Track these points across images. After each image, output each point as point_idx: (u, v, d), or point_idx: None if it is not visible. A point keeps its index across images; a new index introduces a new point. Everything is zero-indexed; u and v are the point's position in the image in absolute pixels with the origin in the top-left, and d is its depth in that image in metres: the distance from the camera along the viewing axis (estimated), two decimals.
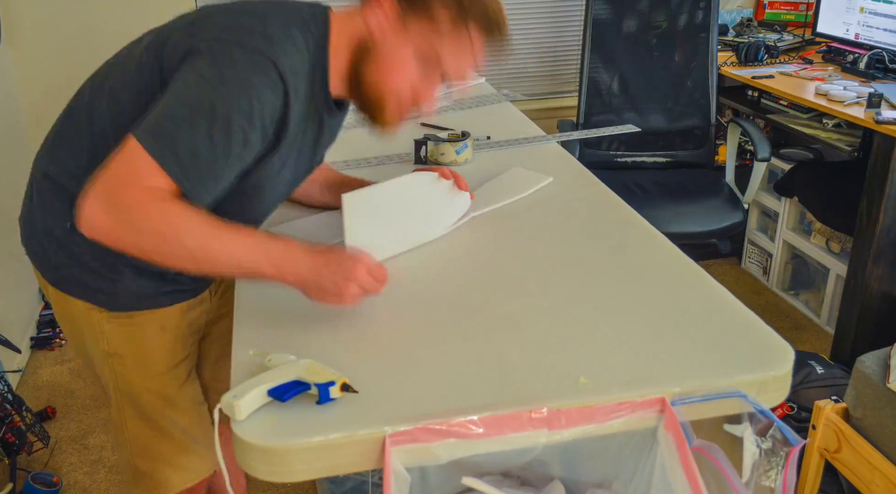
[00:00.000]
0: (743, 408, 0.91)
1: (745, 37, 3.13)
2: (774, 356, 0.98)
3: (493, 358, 0.99)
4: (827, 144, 2.41)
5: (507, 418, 0.88)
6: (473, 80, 2.47)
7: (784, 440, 0.86)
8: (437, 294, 1.15)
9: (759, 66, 2.83)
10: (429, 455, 0.86)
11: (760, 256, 3.10)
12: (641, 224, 1.36)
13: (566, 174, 1.61)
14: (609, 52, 2.77)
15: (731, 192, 2.58)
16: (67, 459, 2.18)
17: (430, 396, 0.91)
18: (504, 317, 1.08)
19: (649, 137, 2.82)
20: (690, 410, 0.91)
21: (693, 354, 0.99)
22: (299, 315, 1.08)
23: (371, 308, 1.10)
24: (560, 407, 0.89)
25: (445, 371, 0.96)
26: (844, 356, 2.33)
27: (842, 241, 2.64)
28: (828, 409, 1.65)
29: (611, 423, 0.90)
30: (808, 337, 2.71)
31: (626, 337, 1.03)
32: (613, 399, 0.91)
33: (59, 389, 2.49)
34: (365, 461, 0.86)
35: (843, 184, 2.58)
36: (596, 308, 1.10)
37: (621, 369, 0.96)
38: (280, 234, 1.07)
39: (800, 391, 2.06)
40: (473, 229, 1.36)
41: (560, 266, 1.23)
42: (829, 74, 2.68)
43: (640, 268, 1.22)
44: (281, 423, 0.87)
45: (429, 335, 1.05)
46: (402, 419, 0.86)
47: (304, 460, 0.85)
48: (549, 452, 0.91)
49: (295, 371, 0.90)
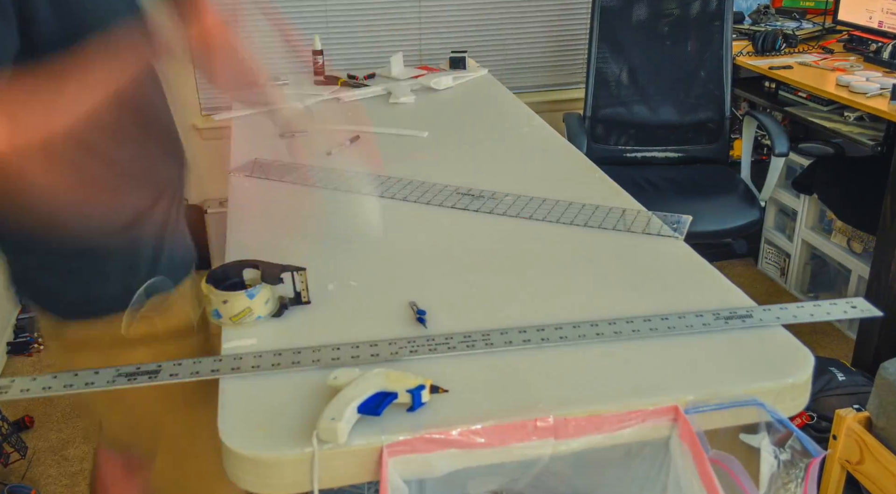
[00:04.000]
0: (760, 417, 0.91)
1: (761, 25, 3.13)
2: (793, 363, 0.98)
3: (496, 364, 0.99)
4: (848, 138, 2.41)
5: (511, 427, 0.88)
6: (475, 71, 2.47)
7: (803, 450, 0.86)
8: (437, 296, 1.15)
9: (776, 55, 2.83)
10: (428, 467, 0.86)
11: (778, 256, 3.11)
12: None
13: (573, 169, 1.61)
14: (618, 42, 2.77)
15: (746, 189, 2.58)
16: (46, 471, 2.18)
17: (429, 403, 0.92)
18: (506, 321, 1.08)
19: (660, 131, 2.82)
20: (704, 419, 0.92)
21: (707, 360, 0.99)
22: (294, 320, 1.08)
23: (369, 311, 1.11)
24: (567, 416, 0.89)
25: (445, 378, 0.96)
26: (867, 362, 2.33)
27: (864, 241, 2.64)
28: (849, 418, 1.65)
29: (621, 432, 0.90)
30: (828, 342, 2.71)
31: (636, 342, 1.03)
32: (623, 407, 0.91)
33: (36, 397, 2.49)
34: (361, 472, 0.86)
35: (866, 180, 2.58)
36: (604, 312, 1.10)
37: (632, 375, 0.96)
38: None
39: (820, 400, 2.06)
40: (473, 230, 1.36)
41: (564, 267, 1.23)
42: (850, 64, 2.69)
43: (652, 269, 1.22)
44: (272, 433, 0.87)
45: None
46: (400, 429, 0.86)
47: (297, 471, 0.85)
48: (555, 463, 0.92)
49: (375, 383, 0.91)
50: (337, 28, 3.24)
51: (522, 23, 3.35)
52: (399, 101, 2.15)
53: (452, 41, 3.33)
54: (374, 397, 0.89)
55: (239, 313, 1.07)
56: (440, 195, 1.49)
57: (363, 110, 2.11)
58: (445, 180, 1.56)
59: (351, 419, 0.87)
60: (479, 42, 3.35)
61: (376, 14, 3.26)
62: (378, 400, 0.88)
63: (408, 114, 2.06)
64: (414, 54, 3.31)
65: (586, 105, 2.81)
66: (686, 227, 1.35)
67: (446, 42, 3.32)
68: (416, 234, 1.35)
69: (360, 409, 0.88)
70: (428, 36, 3.33)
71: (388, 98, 2.20)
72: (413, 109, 2.11)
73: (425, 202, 1.47)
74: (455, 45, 3.30)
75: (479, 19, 3.34)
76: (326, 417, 0.86)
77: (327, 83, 2.40)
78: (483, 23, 3.34)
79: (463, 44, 3.31)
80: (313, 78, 2.47)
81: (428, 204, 1.46)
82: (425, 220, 1.41)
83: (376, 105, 2.16)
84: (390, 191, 1.51)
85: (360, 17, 3.26)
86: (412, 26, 3.31)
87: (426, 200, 1.48)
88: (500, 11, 3.32)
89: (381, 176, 1.57)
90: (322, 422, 0.86)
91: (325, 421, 0.86)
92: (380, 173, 1.45)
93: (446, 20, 3.32)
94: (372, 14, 3.26)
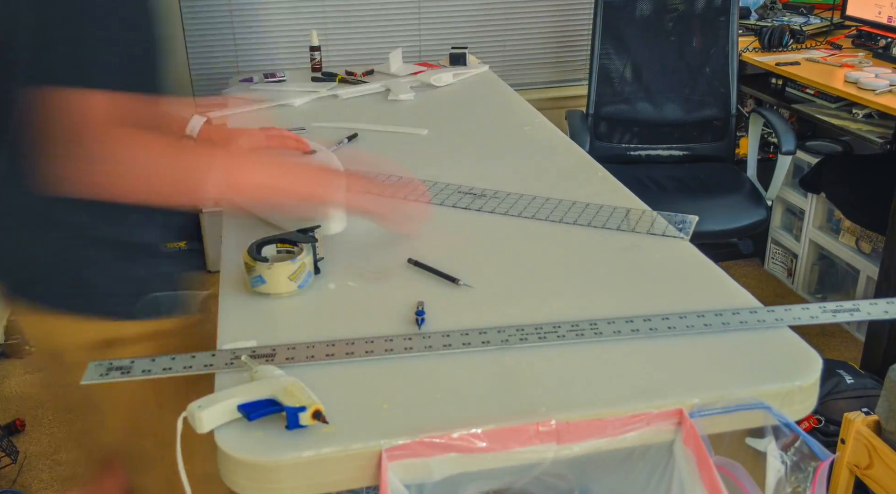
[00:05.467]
0: (766, 421, 0.91)
1: (768, 20, 3.13)
2: (800, 365, 0.99)
3: (497, 366, 0.99)
4: (857, 136, 2.41)
5: (513, 431, 0.88)
6: (476, 68, 2.48)
7: (811, 454, 0.86)
8: (437, 296, 1.15)
9: (783, 52, 2.84)
10: (428, 471, 0.87)
11: (785, 256, 3.11)
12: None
13: (575, 167, 1.61)
14: (621, 37, 2.77)
15: (752, 188, 2.58)
16: (38, 476, 2.18)
17: (429, 407, 0.92)
18: (507, 321, 1.08)
19: (664, 129, 2.82)
20: (709, 422, 0.92)
21: (713, 362, 0.99)
22: (290, 319, 1.09)
23: (367, 312, 1.11)
24: (569, 419, 0.89)
25: (446, 381, 0.97)
26: (876, 364, 2.33)
27: (873, 240, 2.64)
28: (858, 422, 1.65)
29: (624, 436, 0.91)
30: (836, 344, 2.71)
31: (640, 344, 1.03)
32: (627, 411, 0.91)
33: (28, 400, 2.49)
34: (359, 477, 0.86)
35: (875, 179, 2.59)
36: (607, 312, 1.10)
37: (635, 378, 0.97)
38: None
39: (828, 403, 2.06)
40: (474, 230, 1.36)
41: (567, 268, 1.23)
42: (859, 60, 2.69)
43: (656, 270, 1.22)
44: (269, 436, 0.87)
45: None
46: (400, 432, 0.86)
47: (294, 476, 0.85)
48: (557, 468, 0.92)
49: (273, 388, 0.90)
50: (335, 23, 3.25)
51: (524, 18, 3.35)
52: (398, 98, 2.15)
53: (453, 37, 3.33)
54: (260, 402, 0.88)
55: (297, 270, 1.15)
56: (440, 194, 1.50)
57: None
58: (445, 179, 1.56)
59: (223, 413, 0.87)
60: (480, 38, 3.36)
61: (375, 9, 3.26)
62: (260, 406, 0.88)
63: (407, 111, 2.07)
64: (413, 50, 3.31)
65: (589, 102, 2.81)
66: (692, 227, 1.35)
67: (446, 38, 3.33)
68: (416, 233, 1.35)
69: (240, 408, 0.88)
70: (428, 31, 3.33)
71: (386, 95, 2.20)
72: (412, 107, 2.11)
73: (425, 201, 1.47)
74: (455, 40, 3.30)
75: (479, 14, 3.34)
76: (195, 403, 0.87)
77: (325, 80, 2.40)
78: (484, 18, 3.34)
79: (463, 39, 3.32)
80: (310, 74, 2.48)
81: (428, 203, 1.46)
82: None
83: (375, 102, 2.16)
84: (390, 190, 1.51)
85: (358, 12, 3.26)
86: (411, 22, 3.31)
87: (426, 199, 1.48)
88: (502, 6, 3.32)
89: (381, 175, 1.57)
90: (190, 406, 0.87)
91: (192, 407, 0.86)
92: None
93: (446, 15, 3.32)
94: (370, 9, 3.26)
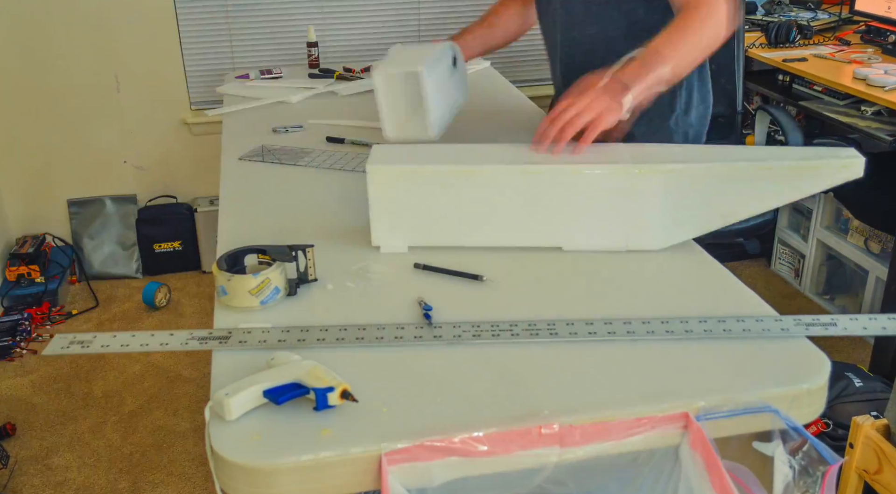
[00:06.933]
0: (774, 424, 0.91)
1: (775, 15, 3.13)
2: (808, 368, 0.99)
3: (499, 369, 0.99)
4: (866, 133, 2.41)
5: (515, 434, 0.88)
6: (476, 64, 2.47)
7: (819, 458, 0.87)
8: (443, 293, 1.16)
9: (790, 47, 2.84)
10: (429, 476, 0.87)
11: (792, 257, 3.11)
12: None
13: None
14: None
15: None
16: (29, 481, 2.18)
17: (430, 410, 0.92)
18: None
19: None
20: (716, 426, 0.92)
21: (719, 365, 0.99)
22: (291, 319, 1.09)
23: (368, 314, 1.11)
24: (573, 423, 0.89)
25: (448, 383, 0.97)
26: (885, 367, 2.33)
27: (882, 240, 2.64)
28: (867, 426, 1.65)
29: (629, 440, 0.91)
30: (844, 347, 2.71)
31: (645, 346, 1.03)
32: (632, 414, 0.91)
33: (19, 403, 2.50)
34: (359, 481, 0.87)
35: (884, 178, 2.58)
36: (612, 315, 1.10)
37: (640, 380, 0.97)
38: None
39: (836, 406, 2.06)
40: None
41: (572, 268, 1.24)
42: (868, 56, 2.69)
43: (661, 271, 1.22)
44: (267, 440, 0.87)
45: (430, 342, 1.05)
46: (400, 436, 0.86)
47: (292, 481, 0.85)
48: (560, 472, 0.92)
49: (295, 373, 0.91)
50: (332, 19, 3.25)
51: None
52: None
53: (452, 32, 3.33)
54: (286, 386, 0.89)
55: (258, 285, 1.11)
56: None
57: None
58: None
59: (250, 399, 0.87)
60: None
61: (374, 4, 3.26)
62: (286, 390, 0.88)
63: None
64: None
65: None
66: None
67: (446, 32, 3.32)
68: None
69: (266, 394, 0.88)
70: (427, 27, 3.33)
71: None
72: None
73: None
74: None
75: (479, 9, 3.33)
76: (222, 391, 0.87)
77: (322, 76, 2.40)
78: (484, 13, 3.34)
79: None
80: (308, 70, 2.48)
81: None
82: None
83: (373, 99, 2.16)
84: None
85: (356, 8, 3.26)
86: (410, 17, 3.31)
87: None
88: None
89: None
90: (216, 395, 0.86)
91: (219, 395, 0.86)
92: None
93: (446, 10, 3.32)
94: (369, 4, 3.26)
